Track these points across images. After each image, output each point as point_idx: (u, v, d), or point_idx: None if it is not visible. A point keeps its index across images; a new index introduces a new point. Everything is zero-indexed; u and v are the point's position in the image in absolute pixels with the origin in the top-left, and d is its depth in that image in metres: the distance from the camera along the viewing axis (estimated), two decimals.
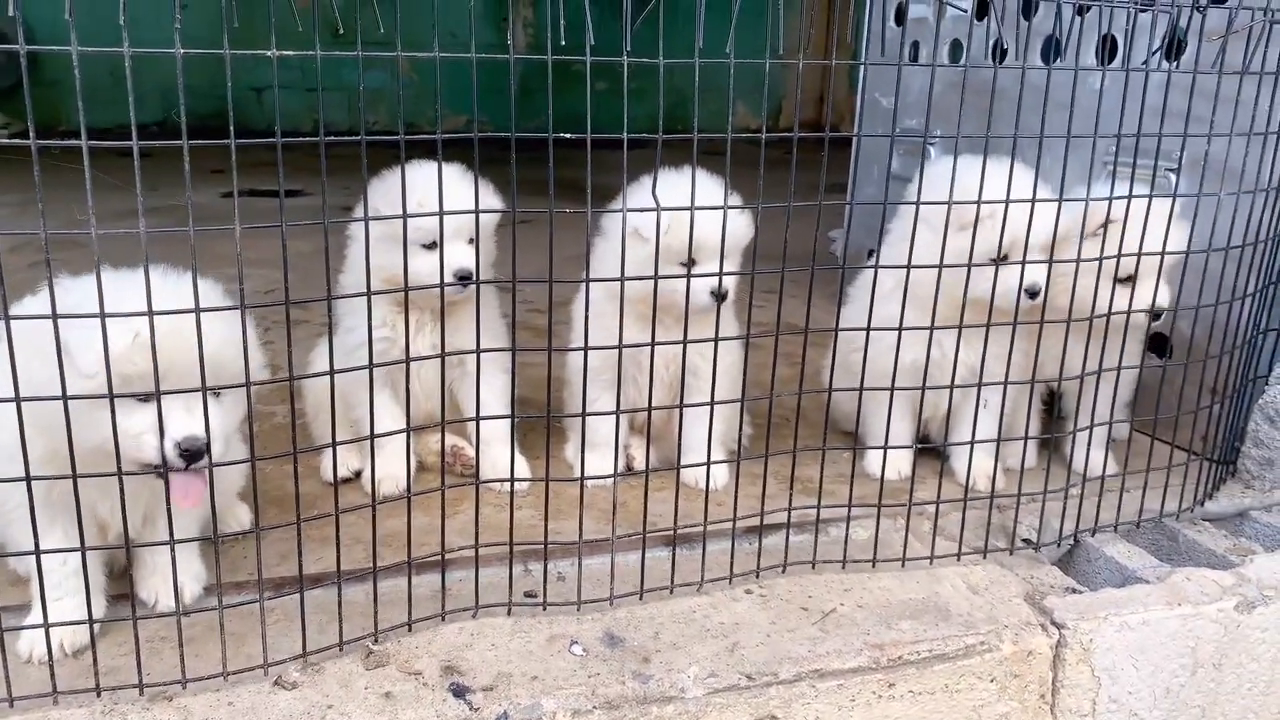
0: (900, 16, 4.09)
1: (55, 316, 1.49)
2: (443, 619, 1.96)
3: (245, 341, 1.62)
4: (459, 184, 2.15)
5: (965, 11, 3.47)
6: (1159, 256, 2.37)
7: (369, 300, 1.76)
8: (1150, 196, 2.32)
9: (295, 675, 1.78)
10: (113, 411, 1.56)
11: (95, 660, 1.72)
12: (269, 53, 1.51)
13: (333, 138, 1.60)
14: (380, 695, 1.75)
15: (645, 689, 1.81)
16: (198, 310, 1.52)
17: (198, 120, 1.46)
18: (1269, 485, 2.75)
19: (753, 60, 1.76)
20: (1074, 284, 2.30)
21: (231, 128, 1.50)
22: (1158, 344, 3.11)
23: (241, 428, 1.90)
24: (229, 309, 1.63)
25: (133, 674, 1.72)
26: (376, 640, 1.88)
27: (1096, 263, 2.32)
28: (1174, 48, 2.84)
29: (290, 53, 1.51)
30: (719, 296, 2.30)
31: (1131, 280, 2.48)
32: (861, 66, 4.43)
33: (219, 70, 1.46)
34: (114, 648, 1.83)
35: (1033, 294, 2.40)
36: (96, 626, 1.82)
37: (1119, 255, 2.30)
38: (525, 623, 1.98)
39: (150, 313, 1.50)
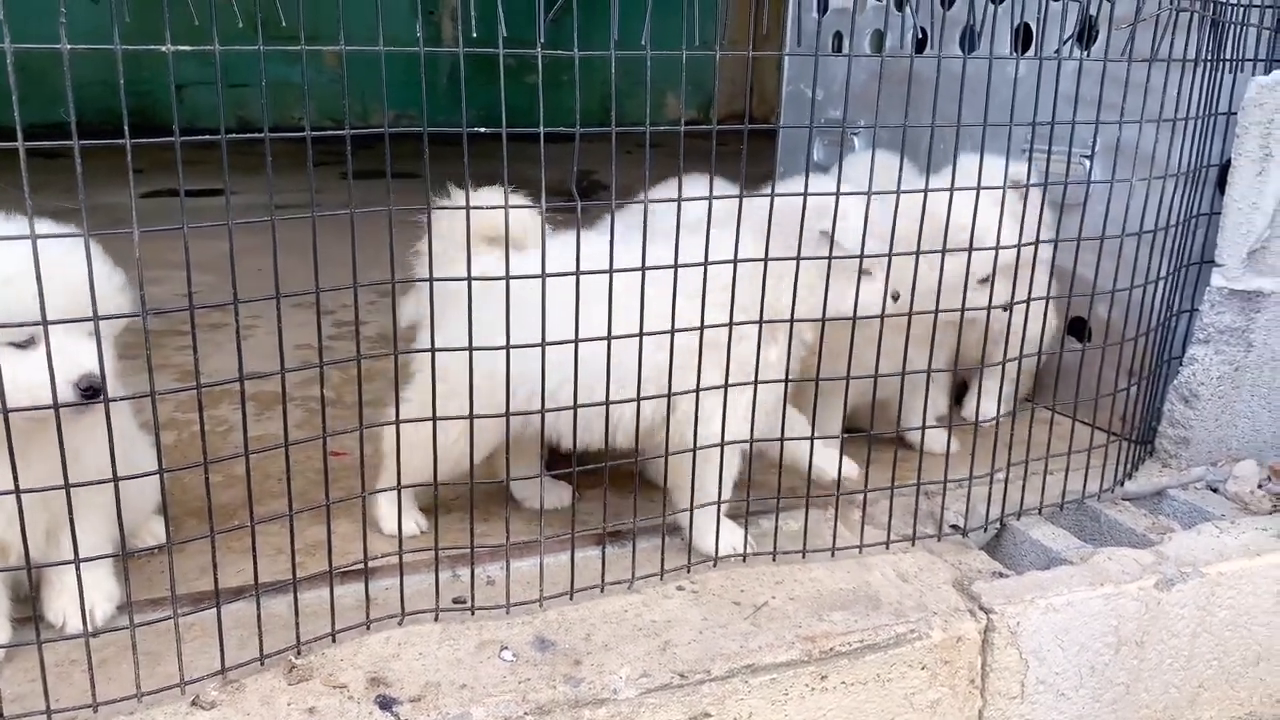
0: (822, 7, 4.11)
1: None
2: (368, 628, 1.92)
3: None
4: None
5: (883, 2, 3.50)
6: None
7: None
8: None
9: (214, 694, 1.72)
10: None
11: None
12: (164, 48, 1.45)
13: (236, 135, 1.54)
14: (304, 711, 1.70)
15: (577, 692, 1.78)
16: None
17: (114, 118, 1.41)
18: (1185, 464, 2.82)
19: (669, 53, 1.74)
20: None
21: (126, 127, 1.44)
22: (1076, 327, 3.17)
23: (149, 438, 1.83)
24: (132, 315, 1.56)
25: (39, 700, 1.65)
26: (299, 653, 1.83)
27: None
28: (1087, 35, 2.89)
29: (186, 47, 1.45)
30: None
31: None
32: (785, 57, 4.44)
33: (136, 67, 1.40)
34: (19, 674, 1.75)
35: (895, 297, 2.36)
36: (0, 653, 1.74)
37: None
38: (454, 629, 1.94)
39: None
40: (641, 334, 1.93)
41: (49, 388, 1.52)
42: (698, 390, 2.04)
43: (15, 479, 1.53)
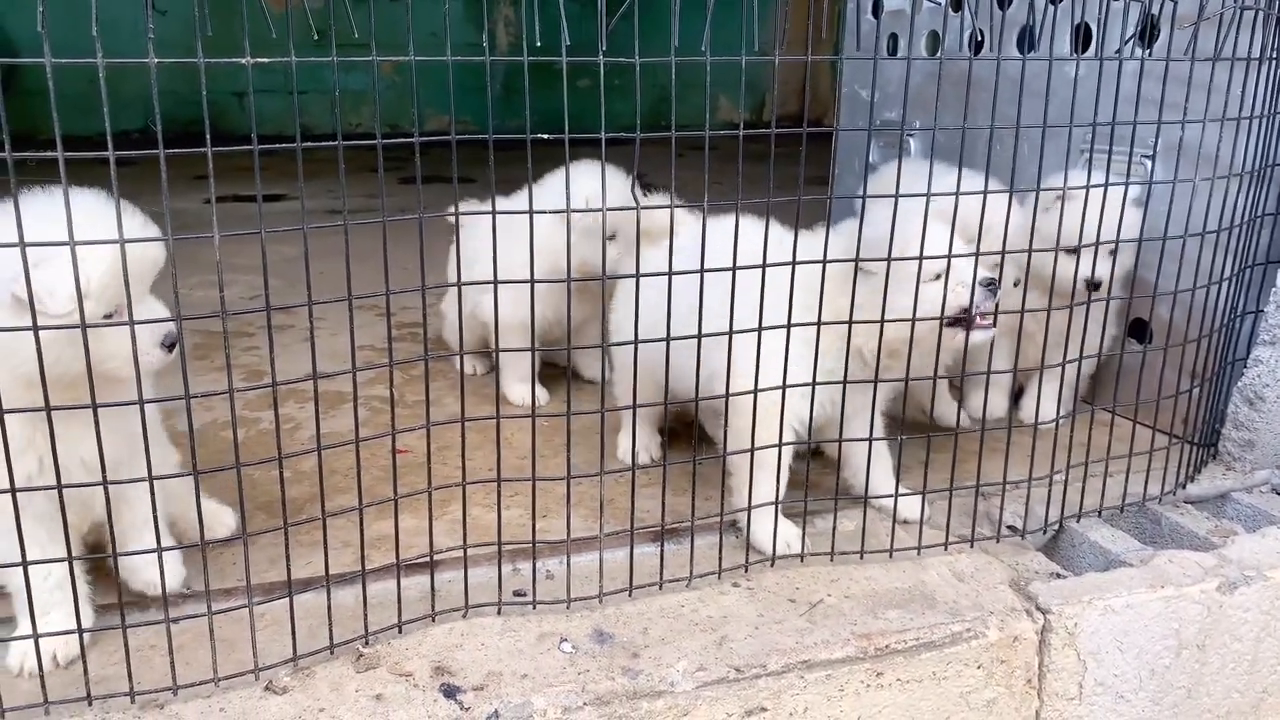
0: (877, 9, 4.10)
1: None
2: (433, 620, 1.97)
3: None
4: None
5: (940, 4, 3.49)
6: (1099, 231, 2.47)
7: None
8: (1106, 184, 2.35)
9: (286, 680, 1.79)
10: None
11: (86, 669, 1.72)
12: (244, 60, 1.52)
13: (310, 143, 1.60)
14: (371, 697, 1.76)
15: (635, 684, 1.82)
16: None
17: (180, 126, 1.47)
18: (1249, 467, 2.77)
19: (729, 58, 1.77)
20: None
21: (207, 135, 1.51)
22: (1138, 329, 3.13)
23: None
24: (210, 315, 1.63)
25: (123, 682, 1.73)
26: (367, 642, 1.89)
27: (1055, 236, 2.41)
28: (1149, 35, 2.86)
29: (265, 59, 1.51)
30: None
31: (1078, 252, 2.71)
32: (842, 60, 4.44)
33: (199, 76, 1.46)
34: (104, 657, 1.84)
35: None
36: (86, 637, 1.82)
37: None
38: (515, 622, 1.99)
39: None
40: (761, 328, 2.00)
41: (143, 349, 1.67)
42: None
43: (104, 469, 1.61)
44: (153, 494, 1.67)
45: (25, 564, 1.68)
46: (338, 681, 1.80)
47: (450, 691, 1.77)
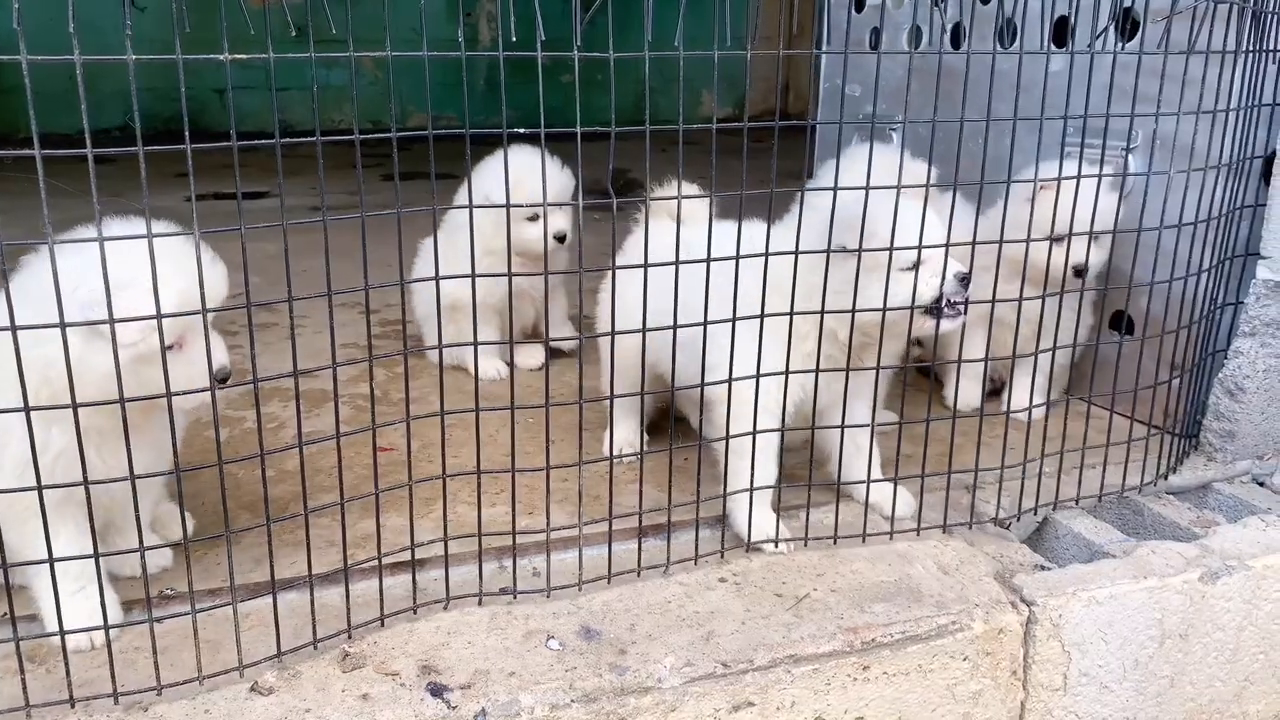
0: (859, 4, 4.10)
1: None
2: (414, 612, 1.97)
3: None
4: None
5: None
6: (1087, 220, 2.45)
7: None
8: (1087, 175, 2.37)
9: (272, 680, 1.78)
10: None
11: (68, 671, 1.71)
12: (221, 56, 1.51)
13: (289, 139, 1.59)
14: (358, 697, 1.75)
15: (622, 680, 1.82)
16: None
17: (160, 123, 1.47)
18: (1230, 457, 2.80)
19: (701, 53, 1.77)
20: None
21: (186, 133, 1.49)
22: (1118, 321, 3.15)
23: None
24: (188, 314, 1.62)
25: (107, 684, 1.72)
26: (350, 638, 1.89)
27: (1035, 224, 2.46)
28: (1129, 28, 2.87)
29: (243, 56, 1.50)
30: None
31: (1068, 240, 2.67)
32: (822, 53, 4.44)
33: (178, 73, 1.45)
34: (86, 660, 1.82)
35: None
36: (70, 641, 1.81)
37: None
38: (502, 619, 1.98)
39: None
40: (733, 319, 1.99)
41: (197, 382, 1.73)
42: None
43: (132, 472, 1.60)
44: (135, 491, 1.66)
45: (51, 560, 1.67)
46: (324, 681, 1.79)
47: (437, 690, 1.77)
